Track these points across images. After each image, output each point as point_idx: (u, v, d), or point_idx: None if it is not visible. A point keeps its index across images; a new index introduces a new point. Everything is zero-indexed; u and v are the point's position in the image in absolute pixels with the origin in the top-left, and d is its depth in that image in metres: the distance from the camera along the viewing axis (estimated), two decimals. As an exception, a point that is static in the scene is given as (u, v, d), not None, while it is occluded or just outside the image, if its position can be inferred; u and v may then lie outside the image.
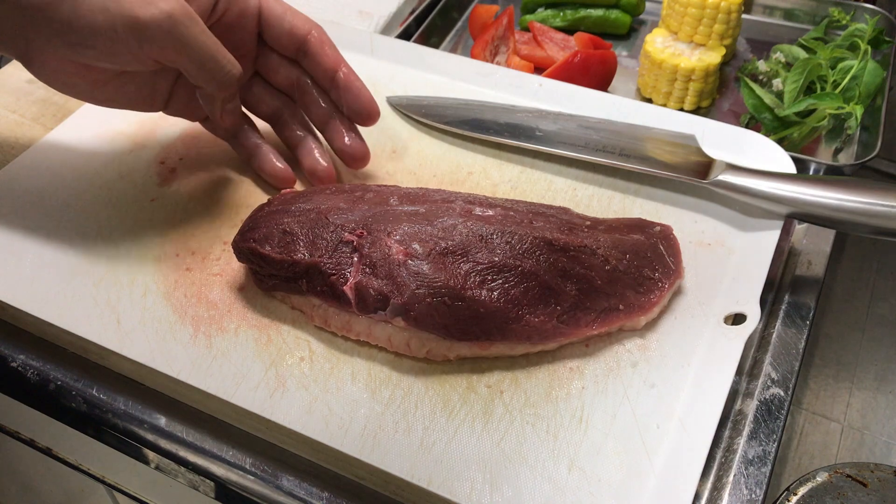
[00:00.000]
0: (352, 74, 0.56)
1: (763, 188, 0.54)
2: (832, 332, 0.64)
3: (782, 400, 0.50)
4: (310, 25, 0.56)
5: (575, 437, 0.45)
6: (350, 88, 0.56)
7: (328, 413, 0.46)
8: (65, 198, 0.58)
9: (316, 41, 0.56)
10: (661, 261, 0.51)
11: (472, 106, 0.65)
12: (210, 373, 0.48)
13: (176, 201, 0.58)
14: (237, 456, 0.48)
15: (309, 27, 0.56)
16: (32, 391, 0.52)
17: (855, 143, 0.73)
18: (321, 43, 0.56)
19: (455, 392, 0.47)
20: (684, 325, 0.50)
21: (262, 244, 0.49)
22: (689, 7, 0.75)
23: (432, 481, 0.43)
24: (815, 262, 0.58)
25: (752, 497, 0.45)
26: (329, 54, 0.56)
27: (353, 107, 0.57)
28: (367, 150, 0.58)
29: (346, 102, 0.56)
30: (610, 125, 0.62)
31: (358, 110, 0.57)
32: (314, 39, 0.56)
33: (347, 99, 0.56)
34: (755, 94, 0.75)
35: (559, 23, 0.86)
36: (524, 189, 0.60)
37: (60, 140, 0.62)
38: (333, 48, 0.56)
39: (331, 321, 0.49)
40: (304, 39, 0.56)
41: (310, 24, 0.56)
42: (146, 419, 0.50)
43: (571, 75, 0.74)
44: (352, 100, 0.56)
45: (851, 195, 0.52)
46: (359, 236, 0.48)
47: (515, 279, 0.47)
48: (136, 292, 0.52)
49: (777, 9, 0.87)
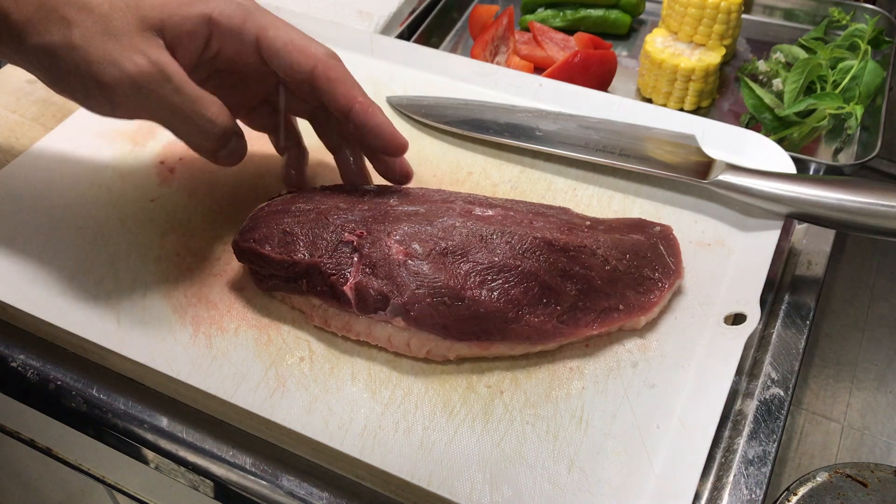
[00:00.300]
0: (367, 110, 0.50)
1: (763, 188, 0.54)
2: (832, 332, 0.64)
3: (782, 400, 0.50)
4: (313, 61, 0.49)
5: (575, 437, 0.45)
6: (366, 127, 0.50)
7: (328, 413, 0.46)
8: (65, 198, 0.58)
9: (322, 77, 0.49)
10: (661, 261, 0.51)
11: (472, 106, 0.65)
12: (210, 373, 0.48)
13: (176, 201, 0.58)
14: (237, 456, 0.48)
15: (312, 63, 0.49)
16: (32, 391, 0.52)
17: (855, 143, 0.73)
18: (328, 79, 0.50)
19: (455, 392, 0.47)
20: (684, 325, 0.50)
21: (262, 244, 0.49)
22: (689, 7, 0.75)
23: (432, 481, 0.43)
24: (815, 262, 0.58)
25: (752, 497, 0.45)
26: (339, 91, 0.50)
27: (374, 145, 0.52)
28: (409, 171, 0.55)
29: (366, 141, 0.52)
30: (610, 125, 0.62)
31: (380, 148, 0.52)
32: (321, 75, 0.49)
33: (366, 137, 0.51)
34: (755, 94, 0.75)
35: (559, 23, 0.86)
36: (524, 189, 0.60)
37: (61, 140, 0.62)
38: (344, 81, 0.50)
39: (331, 321, 0.49)
40: (310, 75, 0.49)
41: (314, 59, 0.49)
42: (146, 419, 0.50)
43: (571, 75, 0.74)
44: (370, 139, 0.51)
45: (851, 195, 0.52)
46: (359, 236, 0.48)
47: (515, 279, 0.47)
48: (136, 292, 0.52)
49: (777, 9, 0.87)
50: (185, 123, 0.47)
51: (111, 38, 0.44)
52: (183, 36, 0.47)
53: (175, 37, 0.47)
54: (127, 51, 0.44)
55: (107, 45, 0.44)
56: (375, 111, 0.51)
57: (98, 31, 0.44)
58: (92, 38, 0.44)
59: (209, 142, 0.48)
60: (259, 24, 0.49)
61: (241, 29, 0.49)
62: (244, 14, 0.49)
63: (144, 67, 0.44)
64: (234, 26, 0.49)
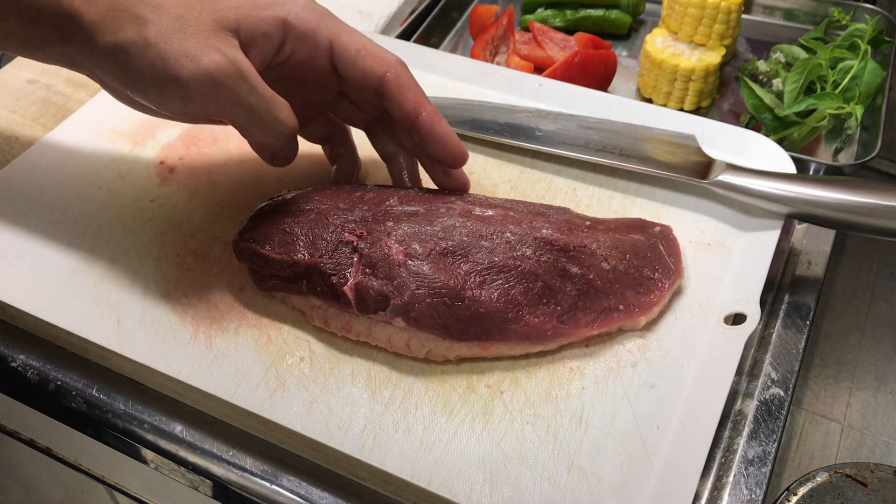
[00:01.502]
0: (434, 118, 0.51)
1: (763, 188, 0.54)
2: (832, 332, 0.64)
3: (782, 400, 0.50)
4: (386, 66, 0.50)
5: (575, 437, 0.45)
6: (431, 135, 0.51)
7: (328, 413, 0.46)
8: (65, 198, 0.58)
9: (393, 83, 0.50)
10: (660, 261, 0.51)
11: (472, 106, 0.65)
12: (210, 373, 0.48)
13: (176, 201, 0.58)
14: (237, 456, 0.48)
15: (384, 69, 0.50)
16: (32, 391, 0.52)
17: (855, 143, 0.73)
18: (398, 86, 0.50)
19: (455, 392, 0.47)
20: (684, 325, 0.50)
21: (262, 244, 0.49)
22: (689, 7, 0.75)
23: (432, 481, 0.43)
24: (815, 262, 0.58)
25: (752, 497, 0.45)
26: (408, 97, 0.50)
27: (436, 154, 0.52)
28: (467, 182, 0.55)
29: (429, 149, 0.52)
30: (610, 125, 0.62)
31: (442, 158, 0.52)
32: (391, 81, 0.50)
33: (430, 145, 0.51)
34: (755, 94, 0.75)
35: (559, 23, 0.86)
36: (524, 189, 0.60)
37: (60, 140, 0.62)
38: (413, 88, 0.51)
39: (331, 321, 0.49)
40: (380, 81, 0.50)
41: (386, 65, 0.50)
42: (146, 419, 0.50)
43: (571, 75, 0.74)
44: (434, 147, 0.51)
45: (851, 195, 0.52)
46: (359, 236, 0.48)
47: (515, 279, 0.47)
48: (136, 292, 0.52)
49: (777, 9, 0.87)
50: (256, 123, 0.47)
51: (187, 35, 0.45)
52: (258, 37, 0.47)
53: (249, 38, 0.47)
54: (203, 47, 0.44)
55: (183, 42, 0.44)
56: (442, 121, 0.51)
57: (174, 30, 0.44)
58: (167, 35, 0.44)
59: (278, 142, 0.49)
60: (332, 30, 0.50)
61: (315, 33, 0.49)
62: (318, 19, 0.49)
63: (221, 64, 0.44)
64: (308, 30, 0.49)
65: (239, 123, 0.47)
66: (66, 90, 0.69)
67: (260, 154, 0.51)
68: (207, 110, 0.46)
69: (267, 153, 0.50)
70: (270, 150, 0.50)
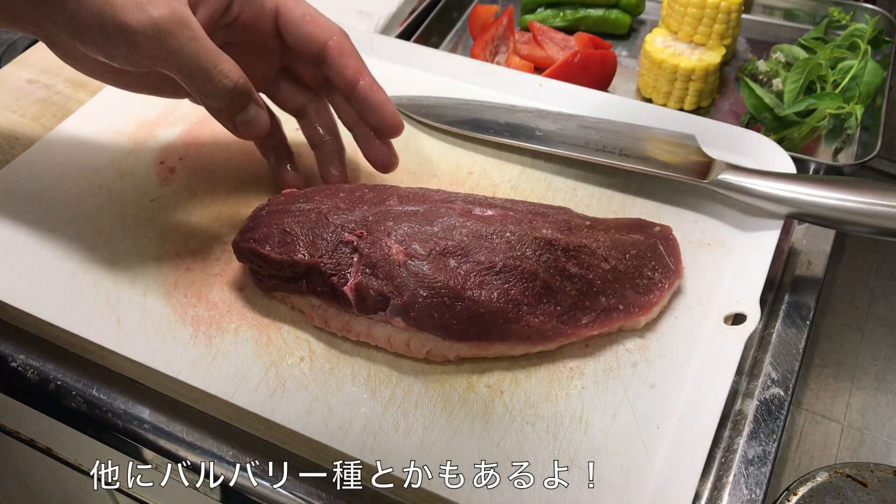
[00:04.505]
0: (372, 87, 0.54)
1: (763, 188, 0.54)
2: (832, 332, 0.64)
3: (782, 400, 0.50)
4: (328, 33, 0.53)
5: (575, 437, 0.45)
6: (369, 102, 0.54)
7: (328, 413, 0.46)
8: (65, 198, 0.58)
9: (335, 50, 0.53)
10: (660, 261, 0.51)
11: (472, 106, 0.65)
12: (210, 373, 0.48)
13: (176, 201, 0.58)
14: (237, 456, 0.48)
15: (328, 35, 0.53)
16: (32, 391, 0.52)
17: (855, 143, 0.73)
18: (340, 53, 0.53)
19: (455, 392, 0.47)
20: (684, 325, 0.50)
21: (262, 244, 0.49)
22: (689, 7, 0.75)
23: (432, 481, 0.43)
24: (815, 262, 0.58)
25: (752, 497, 0.45)
26: (349, 64, 0.53)
27: (372, 121, 0.55)
28: (395, 158, 0.57)
29: (366, 116, 0.55)
30: (610, 125, 0.62)
31: (378, 125, 0.55)
32: (333, 48, 0.53)
33: (367, 113, 0.54)
34: (755, 94, 0.75)
35: (559, 23, 0.86)
36: (524, 189, 0.60)
37: (60, 140, 0.62)
38: (355, 57, 0.54)
39: (331, 322, 0.49)
40: (323, 47, 0.53)
41: (328, 32, 0.53)
42: (146, 419, 0.50)
43: (571, 75, 0.74)
44: (371, 114, 0.54)
45: (851, 195, 0.52)
46: (359, 236, 0.48)
47: (515, 279, 0.47)
48: (136, 292, 0.52)
49: (777, 9, 0.87)
50: (198, 74, 0.48)
51: None
52: None
53: None
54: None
55: None
56: (380, 90, 0.54)
57: None
58: None
59: (222, 98, 0.49)
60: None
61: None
62: None
63: (166, 13, 0.46)
64: None
65: (183, 73, 0.48)
66: (66, 90, 0.69)
67: (221, 122, 0.51)
68: (153, 60, 0.47)
69: (221, 116, 0.51)
70: (221, 111, 0.50)
